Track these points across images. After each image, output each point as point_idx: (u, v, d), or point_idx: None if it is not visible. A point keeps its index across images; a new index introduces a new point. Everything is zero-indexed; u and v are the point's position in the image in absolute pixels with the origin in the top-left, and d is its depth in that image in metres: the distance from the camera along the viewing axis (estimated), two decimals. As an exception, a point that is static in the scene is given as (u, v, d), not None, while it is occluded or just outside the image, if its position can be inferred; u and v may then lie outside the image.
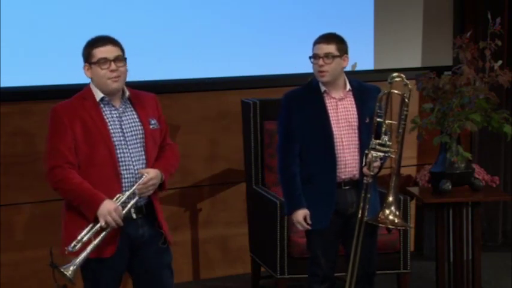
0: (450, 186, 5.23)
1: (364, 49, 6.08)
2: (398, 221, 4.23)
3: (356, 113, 4.29)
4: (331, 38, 4.26)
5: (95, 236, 3.73)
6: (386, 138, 4.20)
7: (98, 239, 3.72)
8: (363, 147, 4.24)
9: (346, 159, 4.28)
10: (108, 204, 3.73)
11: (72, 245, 3.70)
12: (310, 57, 4.27)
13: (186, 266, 5.85)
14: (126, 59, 3.87)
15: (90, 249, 3.70)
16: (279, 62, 5.87)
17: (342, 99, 4.32)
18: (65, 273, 3.65)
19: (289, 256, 5.00)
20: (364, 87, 4.36)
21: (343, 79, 4.33)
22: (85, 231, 3.73)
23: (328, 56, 4.22)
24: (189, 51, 5.69)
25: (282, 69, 5.91)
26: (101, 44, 3.83)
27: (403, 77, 4.21)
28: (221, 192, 5.90)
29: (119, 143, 3.82)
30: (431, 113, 5.27)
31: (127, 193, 3.79)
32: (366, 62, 6.09)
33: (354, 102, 4.31)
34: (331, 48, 4.23)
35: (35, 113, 5.33)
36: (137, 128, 3.88)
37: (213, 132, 5.84)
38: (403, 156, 4.30)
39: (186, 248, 5.83)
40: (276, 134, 4.51)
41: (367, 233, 4.27)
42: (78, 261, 3.68)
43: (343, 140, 4.28)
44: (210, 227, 5.89)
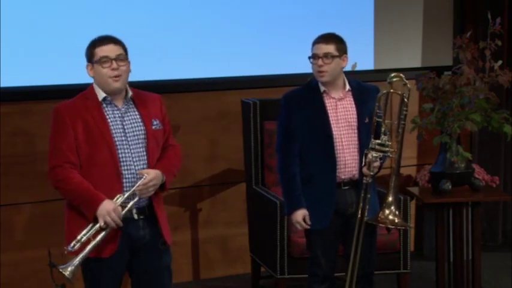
0: (450, 186, 5.23)
1: (364, 49, 6.07)
2: (398, 220, 4.23)
3: (355, 113, 4.29)
4: (330, 38, 4.26)
5: (94, 236, 3.73)
6: (386, 138, 4.20)
7: (97, 239, 3.72)
8: (363, 147, 4.24)
9: (345, 159, 4.28)
10: (108, 204, 3.73)
11: (72, 244, 3.71)
12: (309, 58, 4.27)
13: (186, 266, 5.85)
14: (128, 59, 3.86)
15: (89, 249, 3.71)
16: (279, 62, 5.86)
17: (342, 99, 4.32)
18: (63, 273, 3.65)
19: (289, 256, 4.99)
20: (364, 87, 4.36)
21: (343, 79, 4.32)
22: (84, 231, 3.73)
23: (327, 56, 4.22)
24: (189, 51, 5.69)
25: (282, 69, 5.90)
26: (102, 43, 3.83)
27: (402, 76, 4.21)
28: (221, 192, 5.89)
29: (120, 143, 3.82)
30: (431, 113, 5.27)
31: (127, 193, 3.78)
32: (366, 62, 6.08)
33: (354, 102, 4.31)
34: (330, 48, 4.23)
35: (35, 113, 5.33)
36: (139, 128, 3.87)
37: (213, 132, 5.84)
38: (403, 156, 4.30)
39: (186, 248, 5.83)
40: (276, 134, 4.50)
41: (367, 232, 4.27)
42: (76, 261, 3.69)
43: (343, 140, 4.28)
44: (210, 227, 5.89)
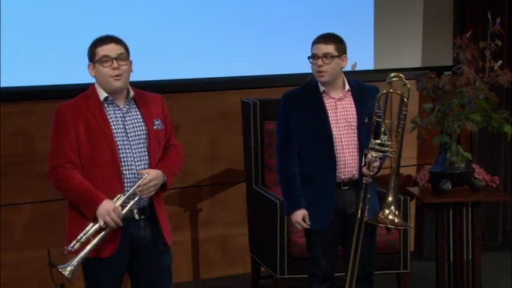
0: (450, 186, 5.23)
1: (364, 49, 6.07)
2: (398, 220, 4.23)
3: (355, 113, 4.29)
4: (330, 38, 4.26)
5: (94, 235, 3.73)
6: (386, 138, 4.20)
7: (97, 239, 3.72)
8: (362, 147, 4.24)
9: (345, 159, 4.28)
10: (107, 204, 3.73)
11: (72, 244, 3.71)
12: (309, 58, 4.27)
13: (186, 266, 5.85)
14: (130, 58, 3.85)
15: (88, 249, 3.71)
16: (279, 62, 5.86)
17: (341, 99, 4.31)
18: (63, 272, 3.66)
19: (289, 256, 4.99)
20: (363, 87, 4.36)
21: (342, 79, 4.32)
22: (84, 231, 3.73)
23: (326, 56, 4.22)
24: (189, 51, 5.69)
25: (282, 69, 5.90)
26: (104, 42, 3.83)
27: (401, 76, 4.21)
28: (221, 192, 5.89)
29: (121, 143, 3.82)
30: (431, 113, 5.26)
31: (127, 193, 3.78)
32: (366, 62, 6.08)
33: (353, 102, 4.30)
34: (330, 49, 4.23)
35: (35, 113, 5.33)
36: (140, 128, 3.87)
37: (213, 132, 5.84)
38: (402, 156, 4.30)
39: (186, 248, 5.83)
40: (275, 134, 4.50)
41: (367, 232, 4.27)
42: (76, 260, 3.69)
43: (343, 140, 4.28)
44: (210, 227, 5.89)
